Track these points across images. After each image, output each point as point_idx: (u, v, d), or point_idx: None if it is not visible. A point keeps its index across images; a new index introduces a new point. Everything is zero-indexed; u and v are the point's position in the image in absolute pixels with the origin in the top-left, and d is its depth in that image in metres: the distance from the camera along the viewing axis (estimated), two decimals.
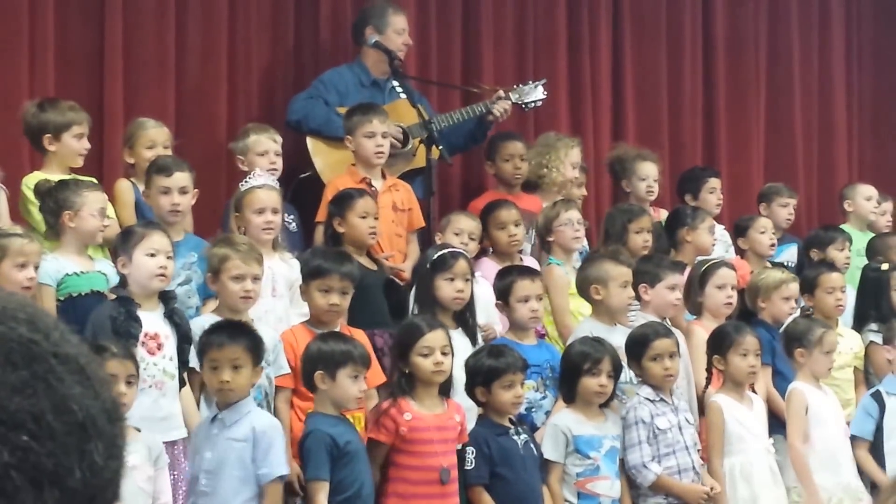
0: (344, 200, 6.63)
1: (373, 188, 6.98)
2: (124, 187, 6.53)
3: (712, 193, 8.48)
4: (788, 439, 6.68)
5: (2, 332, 1.10)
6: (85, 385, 1.13)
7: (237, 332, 5.30)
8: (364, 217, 6.55)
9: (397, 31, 7.68)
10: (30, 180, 6.12)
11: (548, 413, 6.29)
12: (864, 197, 9.15)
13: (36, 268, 5.45)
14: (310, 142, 7.40)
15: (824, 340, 6.77)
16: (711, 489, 6.21)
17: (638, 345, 6.26)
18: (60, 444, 1.09)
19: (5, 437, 1.06)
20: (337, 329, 5.88)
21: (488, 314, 6.61)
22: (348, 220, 6.54)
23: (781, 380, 7.15)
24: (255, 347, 5.27)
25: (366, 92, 7.59)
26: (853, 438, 6.85)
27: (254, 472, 5.17)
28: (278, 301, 6.15)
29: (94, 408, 1.13)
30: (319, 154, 7.40)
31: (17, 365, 1.09)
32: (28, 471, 1.06)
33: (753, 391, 6.73)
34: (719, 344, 6.50)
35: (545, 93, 7.99)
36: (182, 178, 6.20)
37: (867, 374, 7.62)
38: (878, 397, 6.97)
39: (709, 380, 6.59)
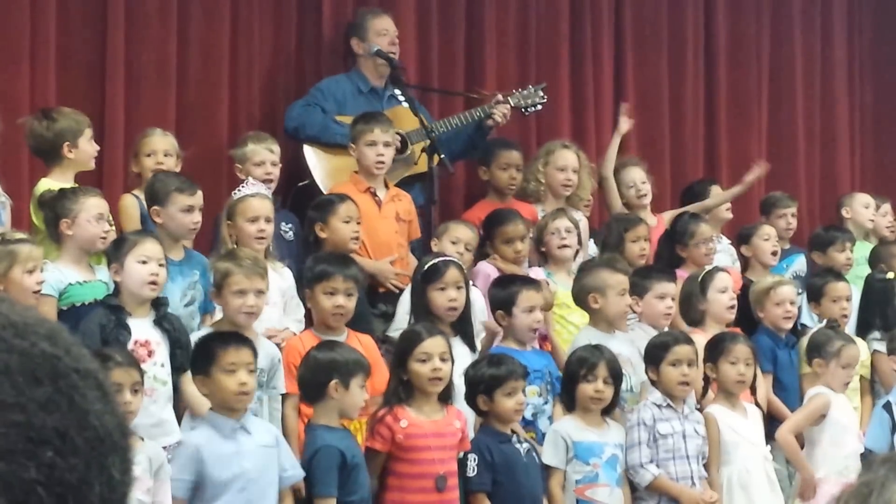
0: (326, 204, 6.65)
1: (377, 198, 6.99)
2: (129, 202, 6.50)
3: None
4: (781, 427, 6.71)
5: (25, 348, 1.10)
6: (103, 400, 1.14)
7: (243, 338, 5.33)
8: (347, 222, 6.56)
9: (379, 33, 7.66)
10: (39, 189, 6.12)
11: (551, 418, 6.31)
12: (862, 205, 9.12)
13: (41, 272, 5.47)
14: (307, 150, 7.38)
15: (842, 354, 6.80)
16: (710, 498, 6.22)
17: (658, 348, 6.31)
18: (83, 460, 1.09)
19: (32, 453, 1.06)
20: (344, 334, 5.91)
21: (484, 318, 6.61)
22: (331, 225, 6.56)
23: (781, 389, 7.17)
24: (256, 357, 5.31)
25: (363, 100, 7.58)
26: (869, 452, 6.82)
27: (278, 477, 5.21)
28: (272, 310, 6.13)
29: (111, 423, 1.13)
30: (317, 162, 7.38)
31: (41, 381, 1.09)
32: (53, 487, 1.06)
33: (757, 403, 6.74)
34: (712, 352, 6.52)
35: (545, 97, 7.97)
36: (200, 196, 6.20)
37: (872, 383, 7.63)
38: (889, 409, 6.94)
39: (706, 389, 6.59)
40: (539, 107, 7.98)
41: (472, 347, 6.28)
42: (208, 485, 5.13)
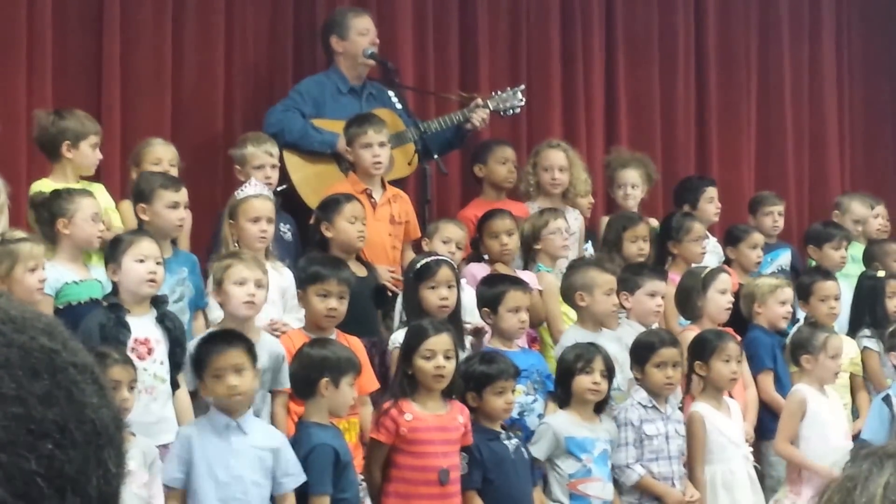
0: (332, 204, 6.64)
1: (372, 199, 7.00)
2: (128, 207, 6.49)
3: (710, 203, 8.42)
4: (775, 440, 6.72)
5: (24, 342, 1.12)
6: (99, 394, 1.15)
7: (233, 338, 5.31)
8: (352, 222, 6.57)
9: (360, 33, 7.61)
10: (34, 188, 6.14)
11: (540, 416, 6.33)
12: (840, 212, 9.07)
13: (43, 270, 5.50)
14: (286, 156, 7.29)
15: (828, 345, 6.81)
16: (691, 497, 6.25)
17: (644, 349, 6.32)
18: (81, 453, 1.11)
19: (32, 445, 1.08)
20: (333, 336, 5.92)
21: (475, 318, 6.61)
22: (336, 225, 6.56)
23: (780, 386, 7.18)
24: (252, 350, 5.27)
25: (343, 100, 7.54)
26: (864, 443, 6.78)
27: (272, 481, 5.18)
28: (271, 308, 6.14)
29: (107, 416, 1.15)
30: (296, 168, 7.33)
31: (40, 375, 1.11)
32: (53, 478, 1.08)
33: (730, 397, 6.77)
34: (701, 350, 6.52)
35: (523, 99, 7.93)
36: (185, 193, 6.22)
37: (864, 380, 7.65)
38: (888, 402, 6.87)
39: (687, 387, 6.61)
40: (518, 109, 7.94)
41: (462, 346, 6.30)
42: (194, 479, 5.11)
